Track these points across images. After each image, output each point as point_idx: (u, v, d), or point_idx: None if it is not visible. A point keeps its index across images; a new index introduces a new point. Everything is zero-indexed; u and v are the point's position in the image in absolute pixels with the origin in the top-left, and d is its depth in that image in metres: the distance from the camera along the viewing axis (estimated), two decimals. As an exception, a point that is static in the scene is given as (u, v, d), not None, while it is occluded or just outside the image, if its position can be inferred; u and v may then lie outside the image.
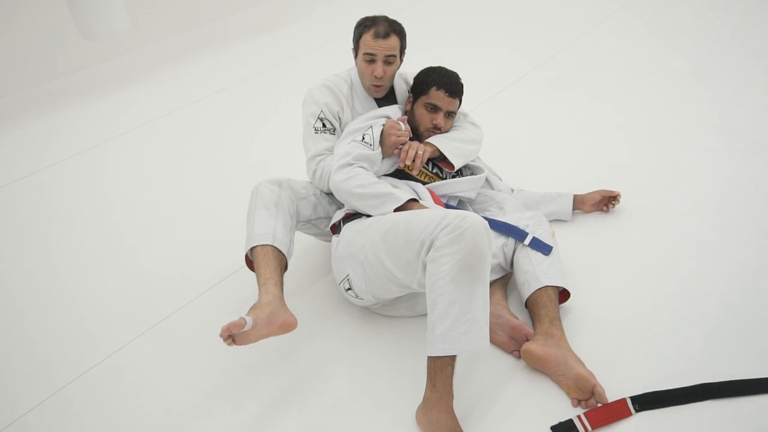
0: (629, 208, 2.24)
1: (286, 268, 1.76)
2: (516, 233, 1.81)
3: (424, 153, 1.82)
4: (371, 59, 1.90)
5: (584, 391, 1.52)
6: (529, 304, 1.73)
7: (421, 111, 1.91)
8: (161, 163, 3.01)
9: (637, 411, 1.50)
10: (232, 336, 1.42)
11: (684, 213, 2.22)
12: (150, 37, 4.35)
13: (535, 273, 1.72)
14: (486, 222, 1.48)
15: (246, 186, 2.54)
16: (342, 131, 1.96)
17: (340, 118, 1.97)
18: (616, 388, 1.54)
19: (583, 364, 1.57)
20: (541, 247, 1.77)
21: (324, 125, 1.94)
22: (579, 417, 1.48)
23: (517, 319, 1.73)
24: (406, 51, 1.98)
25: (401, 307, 1.81)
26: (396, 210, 1.68)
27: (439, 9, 4.74)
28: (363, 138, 1.80)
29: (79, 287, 2.18)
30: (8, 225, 2.62)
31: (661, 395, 1.52)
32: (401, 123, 1.85)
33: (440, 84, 1.88)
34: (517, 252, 1.80)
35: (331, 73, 2.03)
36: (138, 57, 4.22)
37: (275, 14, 4.60)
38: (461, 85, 1.92)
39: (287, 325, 1.57)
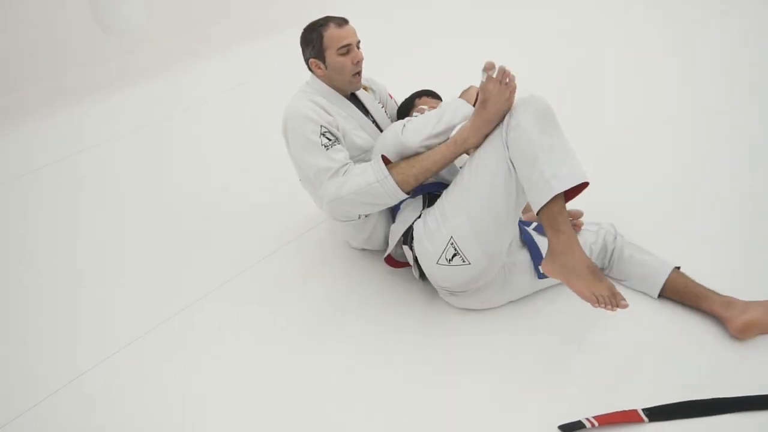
0: (634, 208, 2.18)
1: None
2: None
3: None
4: (347, 50, 1.89)
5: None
6: (671, 296, 1.78)
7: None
8: (179, 158, 2.97)
9: (649, 421, 1.42)
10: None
11: (694, 215, 2.17)
12: (168, 31, 4.38)
13: (658, 258, 1.81)
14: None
15: (270, 176, 2.61)
16: (342, 139, 1.93)
17: (338, 126, 1.92)
18: (628, 399, 1.49)
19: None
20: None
21: (329, 139, 1.86)
22: (588, 419, 1.41)
23: None
24: None
25: (492, 289, 1.75)
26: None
27: (449, 5, 4.78)
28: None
29: (96, 277, 2.15)
30: (29, 214, 2.58)
31: (674, 407, 1.46)
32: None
33: (422, 93, 2.10)
34: (622, 248, 1.83)
35: (296, 93, 1.98)
36: (155, 51, 4.25)
37: (295, 11, 4.66)
38: (438, 94, 2.14)
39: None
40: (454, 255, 1.65)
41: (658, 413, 1.44)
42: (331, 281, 2.01)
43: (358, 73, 1.93)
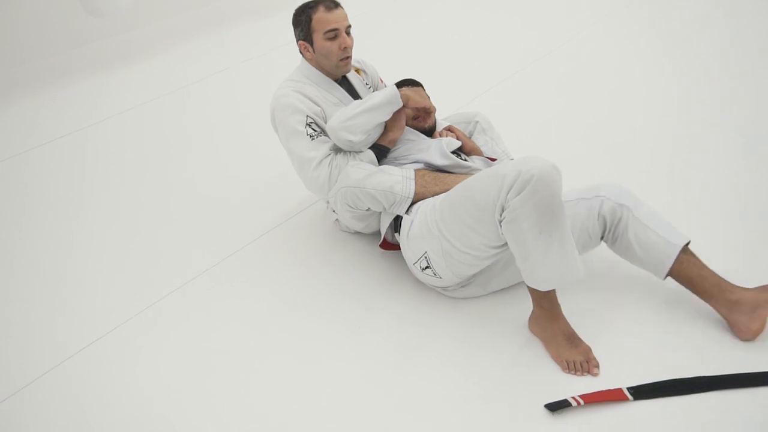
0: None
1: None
2: None
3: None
4: (334, 34, 1.87)
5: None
6: (678, 278, 1.64)
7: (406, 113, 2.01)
8: (168, 141, 2.95)
9: (634, 399, 1.44)
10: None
11: (687, 211, 2.15)
12: (155, 14, 4.33)
13: (664, 238, 1.63)
14: (548, 159, 1.46)
15: (259, 159, 2.59)
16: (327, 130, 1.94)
17: (324, 117, 1.93)
18: (613, 378, 1.51)
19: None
20: None
21: (314, 130, 1.88)
22: (573, 397, 1.43)
23: None
24: None
25: (473, 286, 1.77)
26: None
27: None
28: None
29: (81, 261, 2.14)
30: (18, 196, 2.56)
31: (658, 386, 1.48)
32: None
33: (400, 83, 2.00)
34: (626, 224, 1.67)
35: (284, 81, 1.98)
36: (142, 34, 4.20)
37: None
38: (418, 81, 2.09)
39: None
40: (427, 267, 1.71)
41: (643, 392, 1.46)
42: (321, 264, 2.02)
43: (346, 59, 1.92)
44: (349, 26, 1.90)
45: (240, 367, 1.66)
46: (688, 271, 1.62)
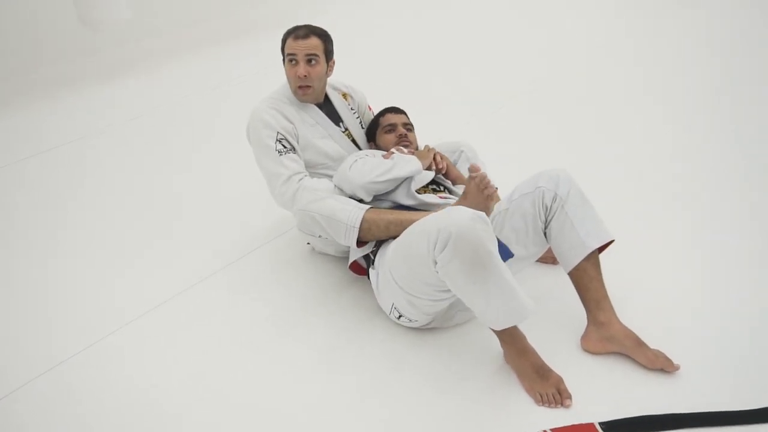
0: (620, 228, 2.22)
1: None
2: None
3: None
4: (292, 59, 1.93)
5: (658, 367, 1.60)
6: (573, 279, 1.73)
7: (383, 138, 2.08)
8: (154, 157, 2.96)
9: (605, 435, 1.44)
10: None
11: (673, 233, 2.20)
12: (152, 28, 4.36)
13: (581, 239, 1.69)
14: (468, 210, 1.49)
15: (244, 178, 2.54)
16: (299, 149, 1.96)
17: (296, 135, 1.96)
18: (585, 412, 1.51)
19: (642, 345, 1.61)
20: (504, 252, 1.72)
21: (284, 146, 1.92)
22: (545, 431, 1.43)
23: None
24: (333, 58, 2.02)
25: (457, 313, 1.78)
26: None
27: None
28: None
29: (71, 271, 2.14)
30: (15, 204, 2.56)
31: (629, 422, 1.48)
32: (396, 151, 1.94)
33: (384, 111, 2.14)
34: (554, 215, 1.74)
35: (268, 95, 2.03)
36: (138, 48, 4.22)
37: (283, 12, 4.69)
38: (401, 109, 2.17)
39: None
40: (400, 316, 1.74)
41: (614, 427, 1.46)
42: (297, 287, 2.02)
43: (302, 87, 1.95)
44: (314, 56, 1.92)
45: (225, 373, 1.67)
46: (581, 277, 1.71)
